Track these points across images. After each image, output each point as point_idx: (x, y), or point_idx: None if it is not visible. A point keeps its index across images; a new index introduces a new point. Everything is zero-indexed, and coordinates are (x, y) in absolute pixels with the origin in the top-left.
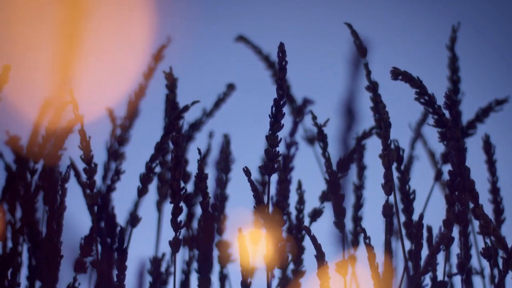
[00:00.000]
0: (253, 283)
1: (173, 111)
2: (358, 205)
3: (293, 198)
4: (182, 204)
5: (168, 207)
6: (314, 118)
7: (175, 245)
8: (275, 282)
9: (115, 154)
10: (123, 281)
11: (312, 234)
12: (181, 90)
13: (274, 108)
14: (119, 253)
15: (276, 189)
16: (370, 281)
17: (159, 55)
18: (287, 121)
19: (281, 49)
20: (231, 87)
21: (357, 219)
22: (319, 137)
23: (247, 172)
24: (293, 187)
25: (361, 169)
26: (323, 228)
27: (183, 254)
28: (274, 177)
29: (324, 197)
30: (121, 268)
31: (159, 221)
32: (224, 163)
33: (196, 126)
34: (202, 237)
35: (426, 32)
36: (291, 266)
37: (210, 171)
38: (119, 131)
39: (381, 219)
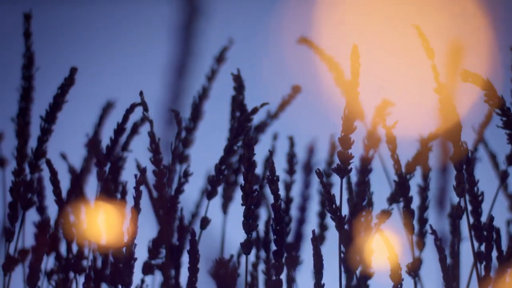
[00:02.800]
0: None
1: (241, 113)
2: (423, 207)
3: None
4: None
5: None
6: (384, 120)
7: (246, 246)
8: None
9: (180, 156)
10: (195, 283)
11: (384, 235)
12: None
13: (346, 110)
14: (191, 256)
15: (355, 191)
16: (436, 281)
17: (221, 57)
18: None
19: (354, 51)
20: (296, 89)
21: (423, 221)
22: (387, 139)
23: (319, 174)
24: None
25: (426, 170)
26: (390, 230)
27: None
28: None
29: (392, 199)
30: (193, 271)
31: (224, 223)
32: (289, 165)
33: (261, 128)
34: (276, 239)
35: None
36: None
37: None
38: (183, 133)
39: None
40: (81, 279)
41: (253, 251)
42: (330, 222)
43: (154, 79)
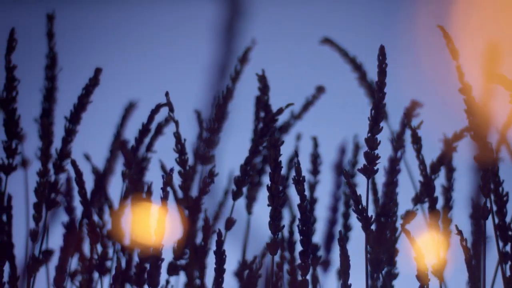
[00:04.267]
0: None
1: (266, 113)
2: (448, 207)
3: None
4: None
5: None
6: (403, 119)
7: (273, 247)
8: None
9: (202, 157)
10: (221, 284)
11: (411, 236)
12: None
13: (373, 111)
14: (217, 257)
15: (382, 191)
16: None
17: (244, 57)
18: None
19: (381, 51)
20: (320, 90)
21: (447, 221)
22: (413, 140)
23: (346, 175)
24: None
25: (450, 171)
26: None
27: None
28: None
29: (417, 199)
30: (219, 272)
31: (248, 223)
32: (313, 165)
33: (284, 128)
34: (302, 240)
35: None
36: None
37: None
38: (206, 134)
39: (468, 221)
40: (105, 280)
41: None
42: (354, 222)
43: (190, 79)
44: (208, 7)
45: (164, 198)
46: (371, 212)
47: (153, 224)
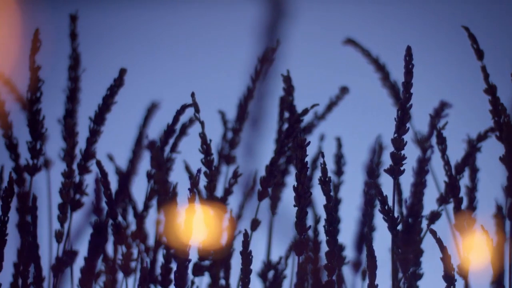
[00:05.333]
0: None
1: (291, 114)
2: (471, 207)
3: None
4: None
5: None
6: (432, 120)
7: (299, 248)
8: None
9: (226, 157)
10: (248, 284)
11: (438, 236)
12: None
13: (400, 111)
14: (243, 257)
15: (411, 192)
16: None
17: (266, 58)
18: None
19: (408, 52)
20: (344, 90)
21: (471, 222)
22: (438, 140)
23: (372, 175)
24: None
25: (474, 171)
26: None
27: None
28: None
29: (442, 200)
30: (245, 272)
31: (271, 223)
32: (337, 166)
33: (308, 129)
34: (328, 240)
35: None
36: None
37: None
38: (230, 134)
39: (491, 221)
40: (129, 281)
41: None
42: (377, 222)
43: (217, 80)
44: (242, 8)
45: (192, 199)
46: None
47: (179, 225)
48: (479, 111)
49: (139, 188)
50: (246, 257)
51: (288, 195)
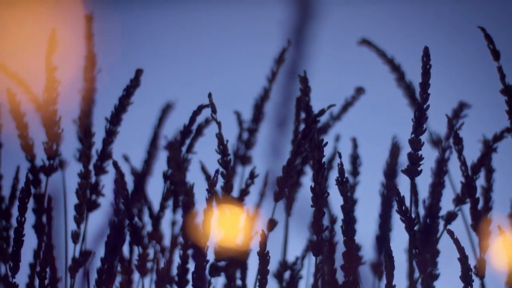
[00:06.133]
0: None
1: (307, 115)
2: (487, 208)
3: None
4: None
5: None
6: (450, 121)
7: (316, 248)
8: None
9: (242, 158)
10: (265, 285)
11: (455, 237)
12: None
13: (417, 112)
14: (261, 257)
15: (429, 192)
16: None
17: (281, 58)
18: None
19: (426, 52)
20: (360, 91)
21: (487, 222)
22: (454, 141)
23: (389, 176)
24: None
25: (489, 172)
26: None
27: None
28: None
29: (458, 200)
30: (263, 273)
31: (287, 224)
32: (352, 166)
33: (323, 129)
34: (345, 241)
35: None
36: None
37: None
38: (245, 135)
39: (507, 222)
40: (146, 281)
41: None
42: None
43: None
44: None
45: (210, 199)
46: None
47: (198, 225)
48: (495, 112)
49: (154, 188)
50: (264, 257)
51: (303, 195)
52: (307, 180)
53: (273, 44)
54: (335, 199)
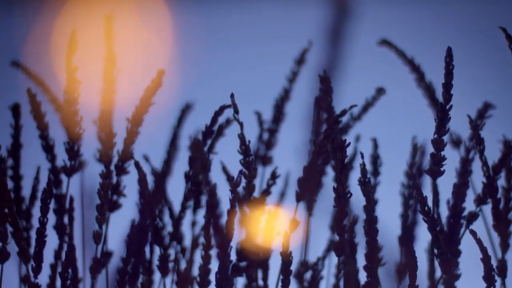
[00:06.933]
0: None
1: (329, 115)
2: (507, 208)
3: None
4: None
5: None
6: (472, 121)
7: (339, 249)
8: None
9: (263, 158)
10: (288, 285)
11: (478, 237)
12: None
13: (440, 112)
14: (284, 258)
15: (453, 193)
16: None
17: (301, 59)
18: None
19: (449, 53)
20: (380, 91)
21: (507, 222)
22: (476, 141)
23: (411, 176)
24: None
25: (510, 172)
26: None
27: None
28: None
29: (480, 201)
30: (286, 273)
31: (308, 224)
32: (373, 167)
33: (343, 130)
34: (368, 241)
35: None
36: None
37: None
38: (266, 135)
39: None
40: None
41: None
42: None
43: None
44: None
45: (233, 199)
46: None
47: (222, 226)
48: None
49: (173, 189)
50: (287, 258)
51: (324, 196)
52: (328, 180)
53: (301, 43)
54: (356, 200)
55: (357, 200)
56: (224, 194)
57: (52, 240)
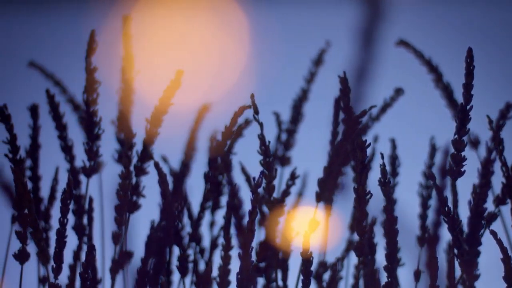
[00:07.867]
0: None
1: (349, 116)
2: None
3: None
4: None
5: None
6: (491, 122)
7: (360, 249)
8: None
9: (281, 159)
10: (309, 285)
11: (498, 237)
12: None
13: (460, 113)
14: (304, 258)
15: (475, 193)
16: None
17: (319, 59)
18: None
19: (469, 54)
20: (399, 92)
21: None
22: (496, 142)
23: (432, 176)
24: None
25: None
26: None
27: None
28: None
29: (499, 201)
30: (306, 274)
31: (327, 224)
32: (392, 167)
33: (362, 130)
34: (388, 242)
35: None
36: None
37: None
38: (284, 136)
39: None
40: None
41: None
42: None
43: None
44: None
45: (254, 200)
46: None
47: (244, 226)
48: None
49: (191, 189)
50: (307, 258)
51: (343, 196)
52: (347, 180)
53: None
54: (373, 200)
55: (376, 200)
56: (242, 194)
57: (70, 241)
